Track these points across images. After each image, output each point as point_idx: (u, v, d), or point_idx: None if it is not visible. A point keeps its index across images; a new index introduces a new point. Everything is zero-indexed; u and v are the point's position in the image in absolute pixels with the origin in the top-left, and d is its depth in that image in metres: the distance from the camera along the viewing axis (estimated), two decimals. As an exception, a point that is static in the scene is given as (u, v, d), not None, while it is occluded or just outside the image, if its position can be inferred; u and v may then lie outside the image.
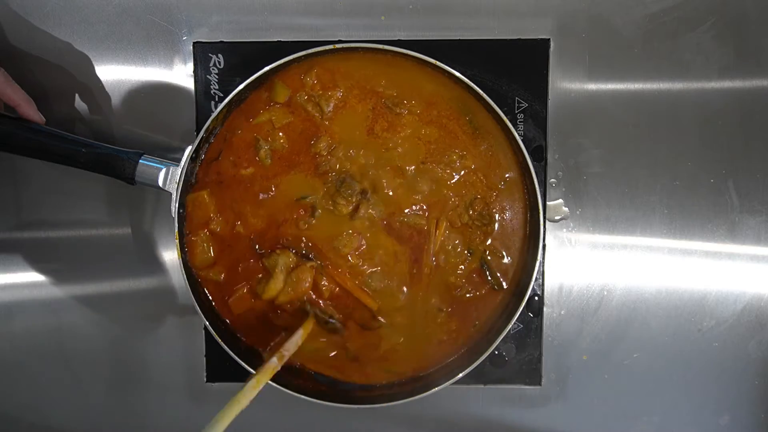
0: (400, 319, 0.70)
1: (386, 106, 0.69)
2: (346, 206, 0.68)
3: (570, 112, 0.74)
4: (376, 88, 0.69)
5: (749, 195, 0.74)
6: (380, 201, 0.69)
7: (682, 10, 0.73)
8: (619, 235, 0.75)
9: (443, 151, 0.69)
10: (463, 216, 0.69)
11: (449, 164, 0.69)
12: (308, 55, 0.66)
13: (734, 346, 0.75)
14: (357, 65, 0.69)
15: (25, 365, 0.77)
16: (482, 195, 0.69)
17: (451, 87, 0.69)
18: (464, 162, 0.69)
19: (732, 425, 0.76)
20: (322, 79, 0.69)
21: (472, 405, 0.76)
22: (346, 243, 0.69)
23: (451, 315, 0.70)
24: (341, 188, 0.68)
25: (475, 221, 0.69)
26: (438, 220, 0.69)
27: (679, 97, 0.73)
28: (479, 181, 0.69)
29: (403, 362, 0.71)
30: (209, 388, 0.76)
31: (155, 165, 0.67)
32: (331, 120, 0.69)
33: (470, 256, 0.70)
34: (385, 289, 0.69)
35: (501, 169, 0.70)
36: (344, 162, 0.69)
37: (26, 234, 0.76)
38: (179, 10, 0.73)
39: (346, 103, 0.69)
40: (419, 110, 0.69)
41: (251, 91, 0.68)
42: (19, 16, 0.73)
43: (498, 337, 0.67)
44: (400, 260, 0.69)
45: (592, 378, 0.76)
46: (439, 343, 0.71)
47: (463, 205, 0.69)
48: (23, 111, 0.67)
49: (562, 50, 0.73)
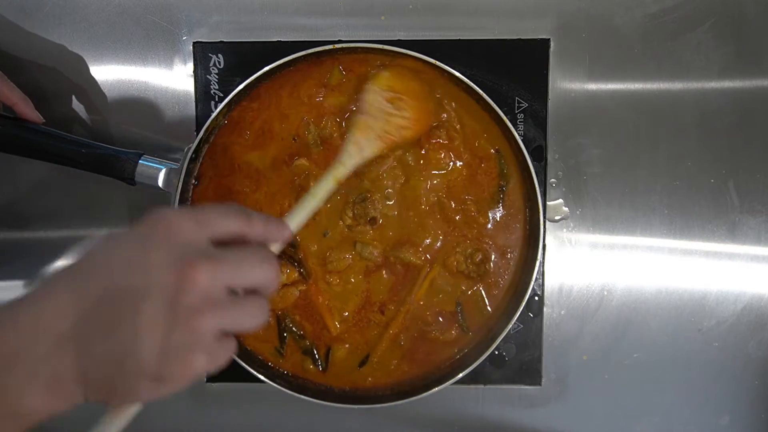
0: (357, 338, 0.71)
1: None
2: (351, 219, 0.68)
3: (570, 112, 0.74)
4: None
5: (749, 195, 0.74)
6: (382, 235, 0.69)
7: (682, 10, 0.72)
8: (619, 235, 0.75)
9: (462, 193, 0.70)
10: (461, 264, 0.69)
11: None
12: (308, 55, 0.66)
13: (734, 346, 0.75)
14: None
15: (25, 365, 0.77)
16: (484, 250, 0.69)
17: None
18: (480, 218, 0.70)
19: (732, 425, 0.76)
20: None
21: (472, 405, 0.76)
22: (337, 260, 0.69)
23: (411, 352, 0.70)
24: (357, 206, 0.68)
25: (472, 272, 0.69)
26: (432, 265, 0.69)
27: (679, 97, 0.73)
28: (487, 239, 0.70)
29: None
30: (209, 388, 0.76)
31: (155, 165, 0.67)
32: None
33: (445, 299, 0.70)
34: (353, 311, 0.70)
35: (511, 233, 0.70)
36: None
37: (26, 234, 0.76)
38: (179, 10, 0.73)
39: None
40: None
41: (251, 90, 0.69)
42: (19, 15, 0.73)
43: (498, 337, 0.67)
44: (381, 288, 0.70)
45: (592, 378, 0.76)
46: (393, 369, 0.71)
47: (463, 253, 0.69)
48: (21, 110, 0.66)
49: (562, 50, 0.73)
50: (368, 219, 0.68)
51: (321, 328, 0.70)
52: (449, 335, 0.70)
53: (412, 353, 0.70)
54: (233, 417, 0.77)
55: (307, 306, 0.70)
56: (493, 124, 0.69)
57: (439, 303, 0.70)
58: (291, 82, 0.69)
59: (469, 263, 0.69)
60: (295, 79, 0.69)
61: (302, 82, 0.69)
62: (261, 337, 0.71)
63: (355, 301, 0.70)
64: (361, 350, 0.70)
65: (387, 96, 0.62)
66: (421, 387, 0.68)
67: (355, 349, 0.70)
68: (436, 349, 0.70)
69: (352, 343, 0.70)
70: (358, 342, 0.70)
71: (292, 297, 0.70)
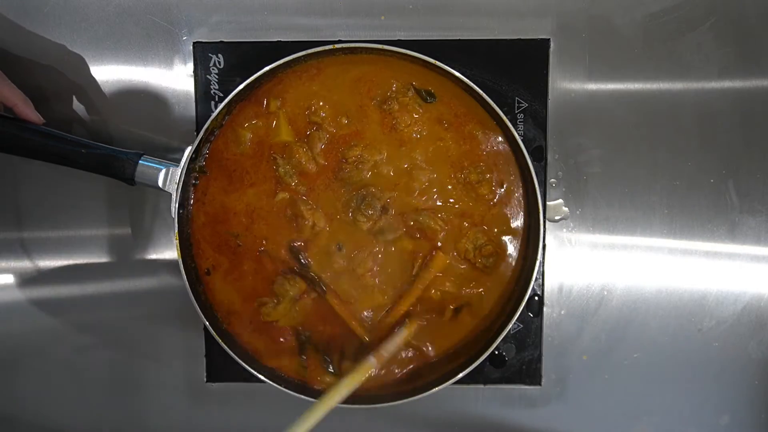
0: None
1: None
2: (366, 223, 0.68)
3: (570, 112, 0.74)
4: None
5: (749, 195, 0.74)
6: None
7: (682, 10, 0.72)
8: (619, 235, 0.75)
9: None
10: (470, 252, 0.69)
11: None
12: (308, 56, 0.66)
13: (734, 346, 0.75)
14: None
15: (25, 365, 0.77)
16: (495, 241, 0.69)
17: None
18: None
19: (732, 425, 0.76)
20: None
21: (472, 405, 0.76)
22: (361, 263, 0.69)
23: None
24: (362, 205, 0.68)
25: (479, 263, 0.69)
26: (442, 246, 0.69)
27: (679, 97, 0.73)
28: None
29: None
30: (209, 388, 0.76)
31: (155, 165, 0.67)
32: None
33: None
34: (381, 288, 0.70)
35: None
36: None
37: (26, 234, 0.76)
38: (179, 10, 0.73)
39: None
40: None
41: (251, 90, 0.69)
42: (19, 15, 0.73)
43: (498, 337, 0.67)
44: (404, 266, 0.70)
45: (592, 378, 0.76)
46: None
47: (473, 240, 0.69)
48: (20, 111, 0.66)
49: (562, 50, 0.73)
50: (380, 209, 0.68)
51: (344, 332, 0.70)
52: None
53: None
54: (233, 417, 0.77)
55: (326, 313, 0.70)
56: (492, 124, 0.69)
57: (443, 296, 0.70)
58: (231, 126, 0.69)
59: (477, 253, 0.69)
60: (238, 120, 0.69)
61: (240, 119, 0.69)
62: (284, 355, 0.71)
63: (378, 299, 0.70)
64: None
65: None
66: (421, 387, 0.68)
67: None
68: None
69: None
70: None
71: (306, 308, 0.70)
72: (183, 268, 0.67)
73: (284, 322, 0.69)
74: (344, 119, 0.69)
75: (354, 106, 0.69)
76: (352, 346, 0.70)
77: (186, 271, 0.67)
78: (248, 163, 0.69)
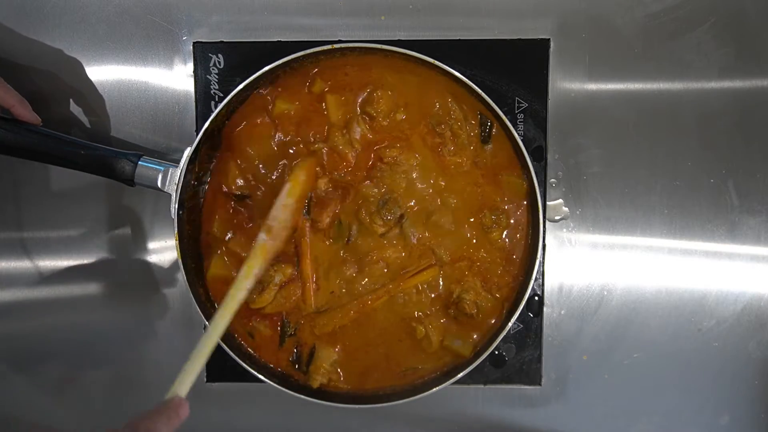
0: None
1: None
2: (381, 227, 0.69)
3: (570, 112, 0.74)
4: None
5: (749, 195, 0.74)
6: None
7: (682, 10, 0.72)
8: (619, 235, 0.75)
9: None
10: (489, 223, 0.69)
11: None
12: (308, 55, 0.66)
13: (734, 346, 0.75)
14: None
15: (25, 365, 0.77)
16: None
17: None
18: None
19: (732, 425, 0.76)
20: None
21: (472, 405, 0.76)
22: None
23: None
24: (383, 209, 0.68)
25: (457, 315, 0.69)
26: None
27: (679, 97, 0.73)
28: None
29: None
30: (209, 388, 0.76)
31: (154, 166, 0.67)
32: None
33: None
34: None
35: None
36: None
37: (26, 234, 0.76)
38: (179, 10, 0.73)
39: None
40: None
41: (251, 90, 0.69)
42: (18, 16, 0.73)
43: (498, 337, 0.67)
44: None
45: (592, 378, 0.76)
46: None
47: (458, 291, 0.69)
48: (17, 112, 0.66)
49: (562, 50, 0.73)
50: (398, 217, 0.68)
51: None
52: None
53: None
54: (233, 417, 0.77)
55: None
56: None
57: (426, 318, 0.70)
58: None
59: (494, 224, 0.69)
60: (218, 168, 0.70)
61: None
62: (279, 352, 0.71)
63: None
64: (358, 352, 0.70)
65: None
66: (421, 387, 0.68)
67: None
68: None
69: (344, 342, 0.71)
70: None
71: (293, 296, 0.70)
72: (183, 268, 0.67)
73: (269, 309, 0.69)
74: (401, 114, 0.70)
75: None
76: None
77: (186, 271, 0.67)
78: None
